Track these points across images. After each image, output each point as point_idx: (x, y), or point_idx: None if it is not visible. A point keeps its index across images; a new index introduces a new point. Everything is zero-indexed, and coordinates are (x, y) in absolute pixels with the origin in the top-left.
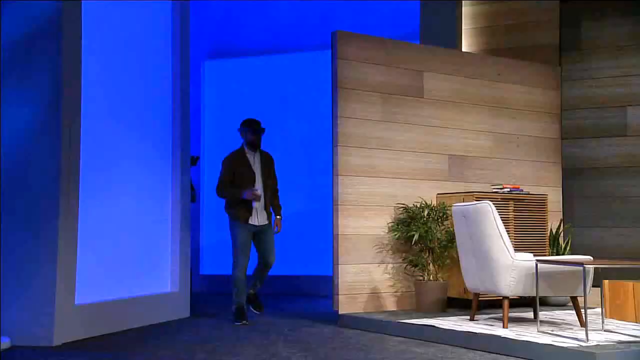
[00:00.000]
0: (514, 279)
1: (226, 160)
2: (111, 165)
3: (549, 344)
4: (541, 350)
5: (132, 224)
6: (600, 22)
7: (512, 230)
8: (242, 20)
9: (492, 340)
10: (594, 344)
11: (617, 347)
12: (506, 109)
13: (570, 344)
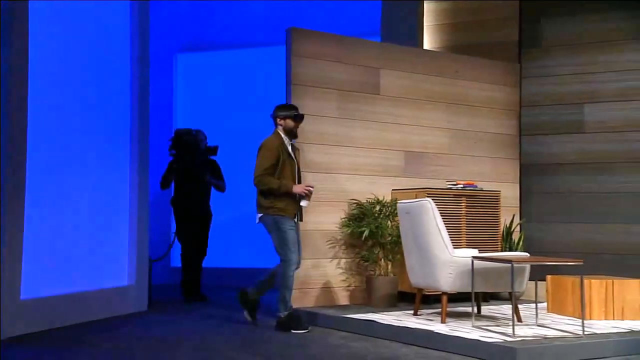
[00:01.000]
0: (452, 275)
1: (270, 146)
2: (63, 161)
3: (476, 339)
4: (467, 345)
5: (86, 219)
6: (560, 19)
7: (464, 226)
8: (215, 13)
9: (423, 335)
10: (519, 339)
11: (541, 342)
12: (464, 105)
13: (496, 339)
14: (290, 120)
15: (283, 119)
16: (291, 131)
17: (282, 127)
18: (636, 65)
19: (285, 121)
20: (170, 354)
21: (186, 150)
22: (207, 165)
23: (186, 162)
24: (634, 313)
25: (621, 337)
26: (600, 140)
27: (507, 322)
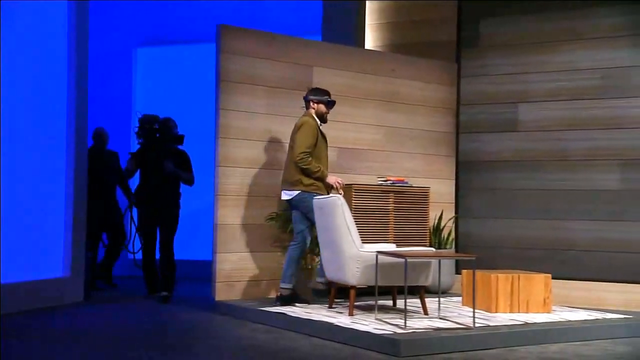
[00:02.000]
0: (359, 269)
1: (311, 125)
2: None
3: (367, 331)
4: (359, 336)
5: (21, 211)
6: (498, 20)
7: (392, 222)
8: (175, 8)
9: (323, 327)
10: (410, 331)
11: (428, 334)
12: (400, 103)
13: (388, 331)
14: (323, 105)
15: (317, 103)
16: (322, 116)
17: (314, 110)
18: (568, 66)
19: (318, 105)
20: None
21: (150, 139)
22: (173, 155)
23: (149, 152)
24: (539, 306)
25: (511, 329)
26: (533, 138)
27: (410, 315)
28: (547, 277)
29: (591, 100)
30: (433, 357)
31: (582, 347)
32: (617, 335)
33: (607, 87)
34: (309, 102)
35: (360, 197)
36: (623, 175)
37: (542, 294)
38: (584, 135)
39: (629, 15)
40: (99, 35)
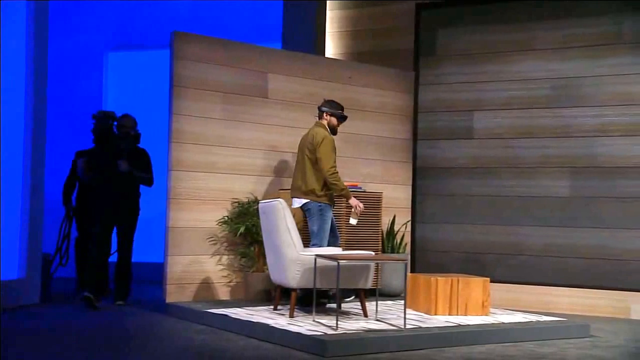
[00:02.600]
0: (299, 272)
1: (332, 139)
2: None
3: (298, 332)
4: (290, 337)
5: None
6: (455, 30)
7: (344, 226)
8: (146, 13)
9: (260, 329)
10: (340, 332)
11: (357, 334)
12: (357, 110)
13: (319, 332)
14: (335, 118)
15: (330, 115)
16: (333, 128)
17: (326, 121)
18: (520, 76)
19: (331, 117)
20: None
21: (104, 136)
22: (130, 154)
23: (104, 150)
24: (477, 309)
25: (442, 330)
26: (487, 146)
27: (350, 317)
28: (486, 281)
29: (542, 110)
30: (359, 357)
31: (509, 348)
32: (545, 337)
33: (558, 96)
34: (322, 112)
35: None
36: (573, 182)
37: (480, 297)
38: (535, 143)
39: (578, 28)
40: (70, 39)
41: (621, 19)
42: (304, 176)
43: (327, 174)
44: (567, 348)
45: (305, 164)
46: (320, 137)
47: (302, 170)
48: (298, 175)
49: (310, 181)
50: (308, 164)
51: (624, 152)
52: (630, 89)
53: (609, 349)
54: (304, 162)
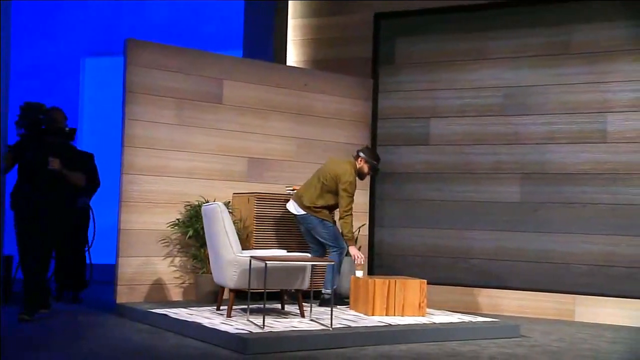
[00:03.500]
0: (235, 273)
1: (354, 183)
2: None
3: (225, 330)
4: (217, 335)
5: None
6: (413, 38)
7: (295, 229)
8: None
9: (192, 327)
10: (266, 331)
11: (279, 333)
12: (313, 116)
13: (244, 330)
14: (367, 166)
15: (364, 162)
16: (362, 175)
17: (359, 164)
18: (474, 84)
19: (364, 164)
20: None
21: (32, 130)
22: (60, 151)
23: (30, 145)
24: (414, 310)
25: (368, 329)
26: (442, 152)
27: (287, 317)
28: (423, 283)
29: (495, 117)
30: (278, 354)
31: (430, 347)
32: (474, 336)
33: (509, 105)
34: (359, 156)
35: (260, 206)
36: (523, 188)
37: (417, 298)
38: (488, 149)
39: (528, 38)
40: (47, 45)
41: (569, 30)
42: (311, 191)
43: (344, 213)
44: (488, 347)
45: (318, 186)
46: (349, 177)
47: (313, 187)
48: (307, 189)
49: (314, 198)
50: (319, 187)
51: (571, 159)
52: (577, 98)
53: (530, 347)
54: (318, 184)
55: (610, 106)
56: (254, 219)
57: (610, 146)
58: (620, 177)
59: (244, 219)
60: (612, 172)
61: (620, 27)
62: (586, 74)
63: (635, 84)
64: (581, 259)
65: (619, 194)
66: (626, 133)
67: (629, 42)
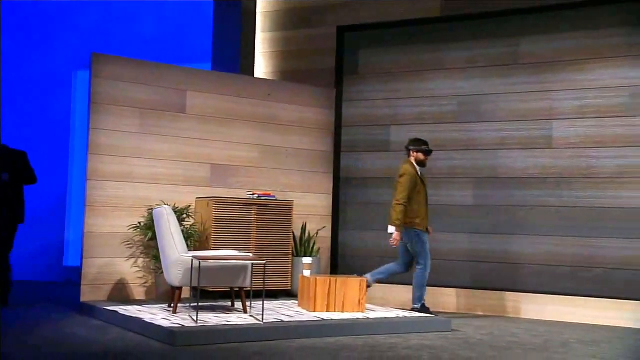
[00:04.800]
0: (180, 272)
1: (412, 174)
2: None
3: (159, 324)
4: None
5: None
6: (374, 50)
7: (254, 232)
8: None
9: (137, 323)
10: (198, 325)
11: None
12: (277, 125)
13: (177, 324)
14: (421, 153)
15: (415, 152)
16: (422, 162)
17: (414, 158)
18: (431, 93)
19: (417, 154)
20: None
21: None
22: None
23: None
24: (354, 306)
25: (300, 323)
26: (401, 158)
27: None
28: (362, 281)
29: (450, 124)
30: (206, 346)
31: (356, 340)
32: (405, 330)
33: (463, 112)
34: (409, 151)
35: (219, 209)
36: (476, 191)
37: (357, 295)
38: (444, 155)
39: (480, 50)
40: (39, 58)
41: (517, 42)
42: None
43: (394, 202)
44: (412, 339)
45: (393, 195)
46: (403, 171)
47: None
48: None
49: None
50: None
51: (521, 164)
52: (526, 106)
53: (453, 339)
54: (393, 193)
55: (555, 114)
56: (212, 222)
57: (555, 152)
58: (565, 180)
59: (204, 222)
60: (557, 176)
61: (565, 39)
62: (533, 84)
63: (579, 92)
64: (530, 259)
65: (564, 197)
66: (570, 139)
67: (573, 53)
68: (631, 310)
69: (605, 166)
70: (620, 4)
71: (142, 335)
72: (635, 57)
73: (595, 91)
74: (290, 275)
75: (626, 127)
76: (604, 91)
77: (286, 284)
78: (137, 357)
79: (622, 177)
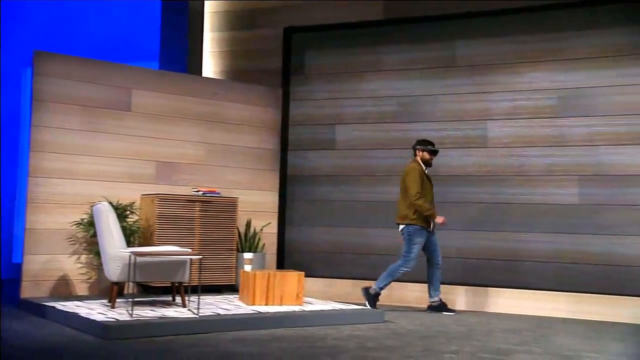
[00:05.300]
0: (118, 268)
1: (418, 171)
2: None
3: (94, 319)
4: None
5: None
6: (320, 51)
7: (198, 229)
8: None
9: (73, 318)
10: (133, 318)
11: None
12: (224, 123)
13: (112, 318)
14: (427, 152)
15: (421, 151)
16: (427, 161)
17: (419, 157)
18: (372, 94)
19: (423, 153)
20: None
21: None
22: None
23: None
24: (292, 300)
25: (235, 316)
26: (346, 156)
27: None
28: (300, 275)
29: (391, 124)
30: (140, 339)
31: (290, 330)
32: (336, 322)
33: (403, 112)
34: (415, 150)
35: (162, 206)
36: None
37: (295, 289)
38: (386, 154)
39: (417, 52)
40: None
41: (454, 45)
42: (399, 204)
43: (413, 199)
44: (344, 330)
45: (400, 194)
46: (410, 169)
47: (399, 199)
48: (398, 204)
49: (402, 208)
50: (401, 193)
51: (458, 162)
52: (462, 106)
53: (383, 330)
54: (401, 194)
55: (490, 114)
56: (156, 218)
57: (489, 151)
58: (498, 178)
59: (148, 219)
60: (491, 174)
61: (499, 43)
62: (469, 85)
63: (512, 94)
64: (465, 253)
65: (497, 193)
66: (503, 139)
67: (506, 57)
68: (564, 301)
69: (535, 164)
70: (548, 11)
71: (78, 330)
72: (563, 61)
73: (526, 93)
74: (235, 270)
75: (554, 128)
76: (534, 93)
77: (231, 279)
78: (70, 351)
79: (551, 175)
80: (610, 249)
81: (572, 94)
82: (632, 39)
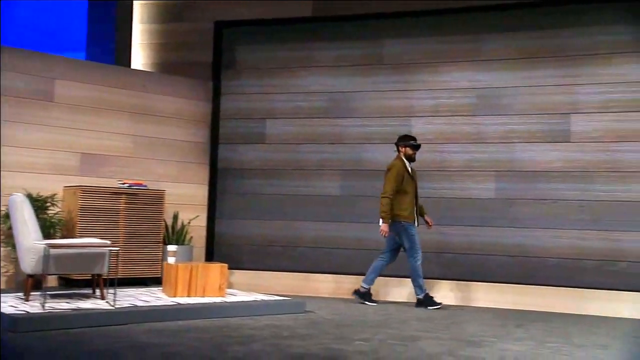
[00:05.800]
0: (33, 260)
1: (399, 169)
2: None
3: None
4: None
5: None
6: (251, 46)
7: (123, 221)
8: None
9: None
10: (45, 311)
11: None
12: (152, 115)
13: (22, 310)
14: (409, 148)
15: (404, 147)
16: (410, 157)
17: (402, 153)
18: (303, 89)
19: (405, 149)
20: None
21: None
22: None
23: None
24: (214, 291)
25: (153, 307)
26: (276, 150)
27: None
28: (223, 267)
29: (321, 119)
30: (51, 331)
31: (205, 322)
32: (256, 313)
33: (333, 108)
34: (398, 146)
35: (85, 198)
36: (343, 183)
37: (217, 280)
38: (316, 148)
39: (346, 50)
40: None
41: (381, 43)
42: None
43: (381, 195)
44: (262, 320)
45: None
46: (391, 165)
47: None
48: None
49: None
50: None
51: (384, 157)
52: (388, 103)
53: (301, 320)
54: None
55: (414, 111)
56: (78, 210)
57: None
58: (426, 173)
59: (70, 211)
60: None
61: (422, 43)
62: (395, 83)
63: (435, 92)
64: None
65: (423, 188)
66: (427, 135)
67: (430, 56)
68: (483, 290)
69: (455, 160)
70: (469, 13)
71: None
72: (480, 62)
73: (447, 92)
74: (160, 263)
75: (473, 125)
76: (455, 92)
77: (156, 271)
78: None
79: (470, 170)
80: (522, 241)
81: (489, 93)
82: (543, 42)
